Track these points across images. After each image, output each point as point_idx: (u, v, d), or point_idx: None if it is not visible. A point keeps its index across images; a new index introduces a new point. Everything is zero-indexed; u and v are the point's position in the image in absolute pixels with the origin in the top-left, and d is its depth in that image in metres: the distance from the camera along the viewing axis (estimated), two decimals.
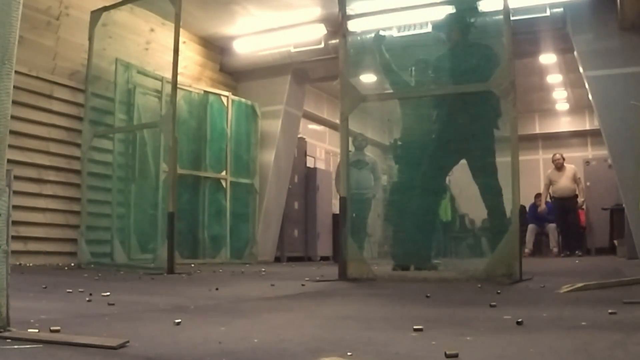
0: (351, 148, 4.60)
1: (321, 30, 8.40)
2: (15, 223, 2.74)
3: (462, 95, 4.29)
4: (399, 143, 4.73)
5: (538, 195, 10.72)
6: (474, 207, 4.50)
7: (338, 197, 6.79)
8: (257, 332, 1.71)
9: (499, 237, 4.20)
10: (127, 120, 7.07)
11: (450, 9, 4.62)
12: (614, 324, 1.79)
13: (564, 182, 9.99)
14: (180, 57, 5.65)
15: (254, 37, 8.85)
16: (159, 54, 7.37)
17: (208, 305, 2.62)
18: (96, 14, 6.44)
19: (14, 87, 1.64)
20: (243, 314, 2.27)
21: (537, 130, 13.63)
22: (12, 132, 1.74)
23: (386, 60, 4.70)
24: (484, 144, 4.32)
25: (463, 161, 4.46)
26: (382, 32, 4.70)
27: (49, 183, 6.37)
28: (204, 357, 1.33)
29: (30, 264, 5.81)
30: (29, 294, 2.78)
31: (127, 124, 7.05)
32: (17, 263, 5.62)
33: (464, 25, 4.44)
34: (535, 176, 12.74)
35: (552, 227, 10.31)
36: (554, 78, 11.32)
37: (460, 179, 4.55)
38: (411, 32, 5.10)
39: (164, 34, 7.08)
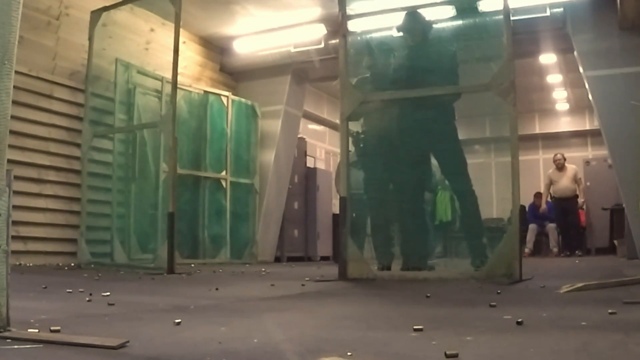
0: (351, 148, 4.59)
1: (321, 30, 8.40)
2: (15, 223, 2.74)
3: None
4: (362, 136, 4.73)
5: (537, 195, 10.73)
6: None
7: (338, 197, 6.79)
8: (257, 332, 1.71)
9: (479, 232, 4.25)
10: (127, 120, 7.07)
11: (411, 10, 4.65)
12: (614, 324, 1.79)
13: (564, 182, 9.99)
14: (180, 57, 5.65)
15: (254, 37, 8.85)
16: (159, 54, 7.37)
17: (208, 305, 2.62)
18: (96, 14, 6.44)
19: (14, 87, 1.64)
20: (243, 314, 2.27)
21: (537, 130, 13.62)
22: (12, 132, 1.74)
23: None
24: (448, 145, 4.35)
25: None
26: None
27: (49, 183, 6.37)
28: (204, 357, 1.33)
29: (30, 264, 5.81)
30: (29, 294, 2.78)
31: (127, 124, 7.05)
32: (17, 263, 5.61)
33: (423, 26, 4.48)
34: (535, 176, 12.74)
35: (552, 227, 10.31)
36: (554, 78, 11.32)
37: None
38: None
39: (164, 34, 7.08)
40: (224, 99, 8.54)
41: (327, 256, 10.52)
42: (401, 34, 4.66)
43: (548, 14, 7.18)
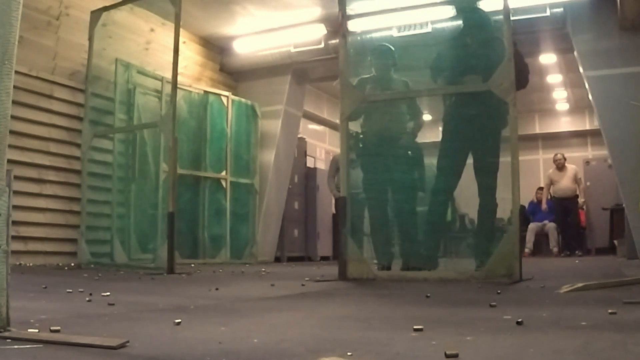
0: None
1: (321, 30, 8.40)
2: (15, 223, 2.74)
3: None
4: (361, 136, 4.72)
5: (540, 189, 10.77)
6: (474, 207, 4.49)
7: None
8: (257, 332, 1.71)
9: (488, 235, 4.22)
10: (127, 120, 7.07)
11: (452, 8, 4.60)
12: (614, 324, 1.79)
13: (565, 182, 10.00)
14: (180, 57, 5.65)
15: (254, 37, 8.85)
16: (159, 54, 7.37)
17: (208, 305, 2.62)
18: (96, 14, 6.44)
19: (14, 87, 1.64)
20: (243, 314, 2.27)
21: (537, 130, 13.63)
22: (12, 132, 1.74)
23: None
24: (492, 142, 4.29)
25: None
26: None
27: (49, 183, 6.37)
28: (204, 357, 1.33)
29: (30, 264, 5.81)
30: (29, 294, 2.78)
31: (127, 124, 7.05)
32: (17, 263, 5.62)
33: (486, 21, 4.37)
34: (535, 176, 12.74)
35: (552, 227, 10.31)
36: (554, 78, 11.32)
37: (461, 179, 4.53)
38: (411, 32, 5.09)
39: (164, 34, 7.08)
40: (224, 99, 8.54)
41: (327, 256, 10.53)
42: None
43: (548, 14, 7.17)
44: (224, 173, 8.35)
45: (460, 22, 4.57)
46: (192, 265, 6.86)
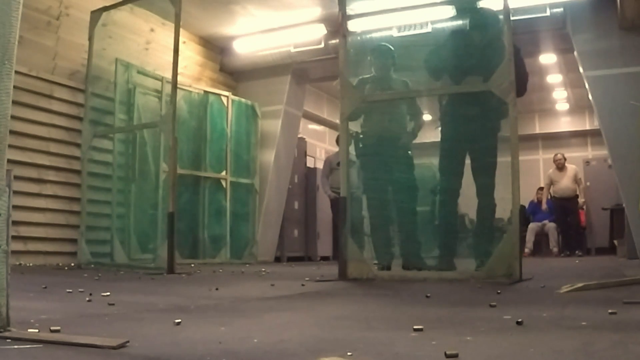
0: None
1: (321, 30, 8.40)
2: (15, 223, 2.73)
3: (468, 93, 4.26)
4: (361, 136, 4.72)
5: (540, 189, 10.78)
6: (474, 207, 4.50)
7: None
8: (257, 332, 1.72)
9: (488, 235, 4.22)
10: (127, 120, 7.07)
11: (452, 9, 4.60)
12: (614, 324, 1.79)
13: (565, 182, 10.00)
14: (180, 57, 5.65)
15: (254, 37, 8.85)
16: (159, 54, 7.37)
17: (208, 305, 2.62)
18: (96, 14, 6.44)
19: (14, 87, 1.64)
20: (243, 314, 2.27)
21: (537, 130, 13.62)
22: (12, 132, 1.74)
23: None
24: (488, 143, 4.29)
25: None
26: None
27: (49, 183, 6.37)
28: (204, 357, 1.33)
29: (30, 264, 5.81)
30: (29, 294, 2.78)
31: (127, 124, 7.05)
32: (17, 263, 5.61)
33: (492, 21, 4.33)
34: (535, 176, 12.74)
35: (552, 227, 10.31)
36: (554, 78, 11.32)
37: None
38: (411, 32, 5.08)
39: (164, 34, 7.08)
40: (224, 99, 8.54)
41: (327, 256, 10.52)
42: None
43: (548, 14, 7.17)
44: (224, 173, 8.35)
45: (460, 22, 4.57)
46: (192, 265, 6.86)
